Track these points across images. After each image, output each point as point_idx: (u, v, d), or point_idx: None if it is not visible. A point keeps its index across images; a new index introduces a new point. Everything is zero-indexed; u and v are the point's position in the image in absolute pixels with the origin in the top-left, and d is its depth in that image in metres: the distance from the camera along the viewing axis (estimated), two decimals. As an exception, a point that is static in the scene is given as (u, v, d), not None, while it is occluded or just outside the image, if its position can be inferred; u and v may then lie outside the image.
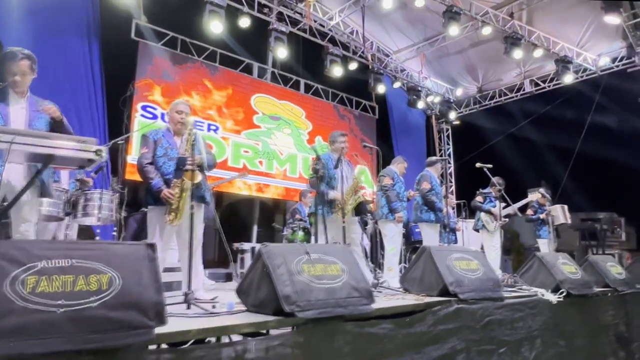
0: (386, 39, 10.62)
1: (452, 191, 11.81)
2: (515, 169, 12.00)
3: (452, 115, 11.43)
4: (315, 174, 4.22)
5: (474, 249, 4.04)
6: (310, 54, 8.77)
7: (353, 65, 9.02)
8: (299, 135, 8.91)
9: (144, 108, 6.97)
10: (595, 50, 9.27)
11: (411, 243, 7.75)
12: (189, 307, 2.66)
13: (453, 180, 12.18)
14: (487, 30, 8.42)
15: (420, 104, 10.35)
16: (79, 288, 1.72)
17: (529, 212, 7.88)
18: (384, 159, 5.06)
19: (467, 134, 12.47)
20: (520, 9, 8.63)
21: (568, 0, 8.18)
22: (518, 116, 11.65)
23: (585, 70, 9.63)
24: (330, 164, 4.56)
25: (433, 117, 12.26)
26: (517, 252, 10.44)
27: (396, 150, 10.81)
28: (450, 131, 12.48)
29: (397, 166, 5.70)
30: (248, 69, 8.42)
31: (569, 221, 7.70)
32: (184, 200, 3.31)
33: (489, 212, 6.64)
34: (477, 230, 7.00)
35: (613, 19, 7.60)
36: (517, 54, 8.21)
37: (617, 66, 9.21)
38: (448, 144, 12.47)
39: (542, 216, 7.73)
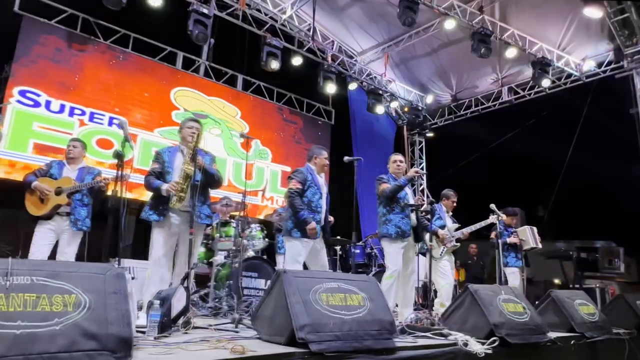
0: (349, 39, 9.75)
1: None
2: (495, 187, 11.04)
3: (421, 124, 10.44)
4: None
5: (366, 277, 2.98)
6: (254, 46, 7.83)
7: (297, 60, 8.08)
8: (230, 138, 7.90)
9: (22, 93, 6.00)
10: (579, 53, 8.36)
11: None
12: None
13: (425, 199, 11.10)
14: (450, 24, 7.51)
15: (380, 109, 9.40)
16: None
17: (493, 234, 6.80)
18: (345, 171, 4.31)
19: (442, 148, 11.53)
20: (491, 2, 7.74)
21: (545, -7, 7.32)
22: (498, 128, 10.73)
23: (569, 75, 8.69)
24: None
25: (405, 127, 11.28)
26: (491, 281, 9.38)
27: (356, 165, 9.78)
28: (424, 144, 11.49)
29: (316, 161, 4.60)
30: (170, 59, 7.46)
31: (539, 245, 6.63)
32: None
33: (434, 233, 5.56)
34: (423, 254, 5.93)
35: (594, 13, 6.70)
36: (486, 52, 7.28)
37: (605, 72, 8.27)
38: (421, 158, 11.47)
39: (508, 240, 6.66)
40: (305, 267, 4.25)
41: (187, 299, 3.06)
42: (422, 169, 11.44)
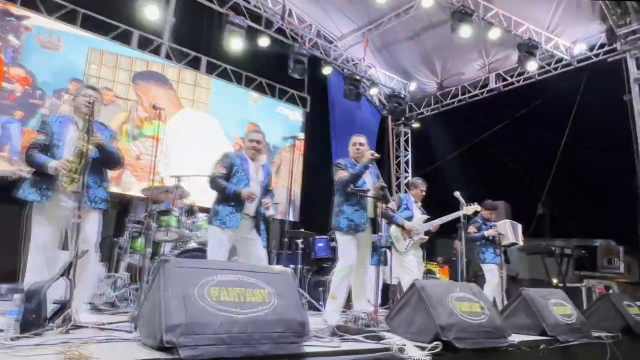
0: (328, 23, 9.30)
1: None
2: (484, 181, 10.58)
3: (400, 112, 9.97)
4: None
5: (280, 269, 2.54)
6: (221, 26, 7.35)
7: (264, 42, 7.60)
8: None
9: None
10: (570, 35, 7.88)
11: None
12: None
13: (409, 192, 10.64)
14: (427, 2, 7.04)
15: (358, 96, 8.91)
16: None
17: (471, 228, 6.37)
18: (321, 160, 3.90)
19: (428, 139, 11.06)
20: (473, -21, 7.26)
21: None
22: (487, 118, 10.26)
23: (560, 60, 8.20)
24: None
25: (389, 118, 10.81)
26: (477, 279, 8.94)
27: (334, 153, 9.35)
28: (409, 135, 11.02)
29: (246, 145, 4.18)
30: (125, 38, 6.99)
31: (520, 241, 6.17)
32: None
33: (400, 225, 5.11)
34: (389, 248, 5.48)
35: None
36: (466, 31, 6.81)
37: (597, 55, 7.78)
38: (407, 150, 10.99)
39: (487, 233, 6.21)
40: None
41: (71, 293, 2.64)
42: (407, 162, 10.99)
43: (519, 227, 6.37)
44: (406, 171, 10.86)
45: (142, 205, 6.05)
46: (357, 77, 8.66)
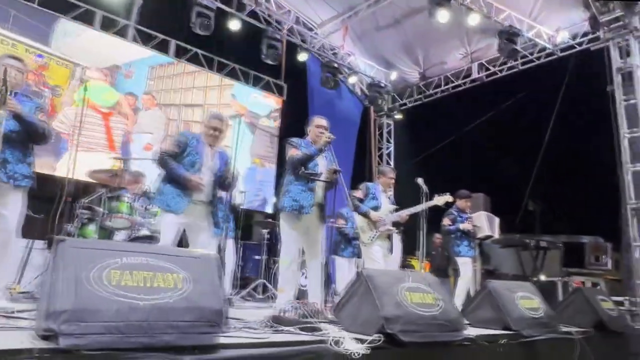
0: (307, 9, 9.05)
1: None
2: (469, 175, 10.40)
3: (381, 102, 9.76)
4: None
5: (201, 253, 2.33)
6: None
7: (235, 25, 7.35)
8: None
9: None
10: (552, 23, 7.70)
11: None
12: None
13: (392, 185, 10.44)
14: (404, -14, 6.81)
15: (335, 84, 8.70)
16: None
17: (446, 221, 6.18)
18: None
19: (411, 131, 10.87)
20: (452, -38, 7.03)
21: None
22: (471, 109, 10.07)
23: (543, 49, 8.02)
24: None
25: (372, 109, 10.60)
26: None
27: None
28: (392, 127, 10.81)
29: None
30: (87, 19, 6.72)
31: (496, 234, 5.99)
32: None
33: (366, 215, 4.91)
34: (357, 239, 5.29)
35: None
36: (443, 16, 6.60)
37: (580, 44, 7.60)
38: (389, 142, 10.79)
39: (462, 226, 6.02)
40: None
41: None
42: (389, 154, 10.79)
43: (496, 219, 6.21)
44: (388, 163, 10.65)
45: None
46: (335, 65, 8.43)
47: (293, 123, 8.84)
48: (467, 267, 5.96)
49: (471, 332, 3.47)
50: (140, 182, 4.95)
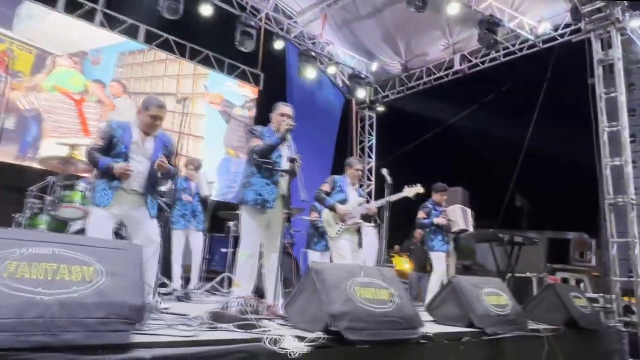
0: (287, -4, 8.84)
1: (369, 192, 9.99)
2: (452, 168, 10.30)
3: (362, 93, 9.61)
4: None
5: (121, 243, 2.16)
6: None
7: (206, 10, 7.12)
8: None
9: None
10: (534, 14, 7.57)
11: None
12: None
13: (372, 178, 10.34)
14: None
15: (311, 73, 8.51)
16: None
17: (420, 214, 6.05)
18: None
19: (394, 124, 10.73)
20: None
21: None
22: (454, 102, 9.94)
23: (525, 41, 7.89)
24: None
25: (353, 101, 10.43)
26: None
27: (291, 136, 8.92)
28: (374, 119, 10.65)
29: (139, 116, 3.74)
30: (50, 1, 6.46)
31: (470, 228, 5.86)
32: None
33: (332, 208, 4.74)
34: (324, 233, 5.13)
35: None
36: (421, 5, 6.42)
37: (562, 35, 7.48)
38: (371, 135, 10.63)
39: (436, 220, 5.89)
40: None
41: None
42: (371, 147, 10.63)
43: (469, 212, 6.08)
44: (370, 157, 10.52)
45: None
46: (313, 54, 8.23)
47: (269, 113, 8.64)
48: (440, 261, 5.84)
49: (433, 329, 3.34)
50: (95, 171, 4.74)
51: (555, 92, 8.42)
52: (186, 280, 6.13)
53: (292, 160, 3.56)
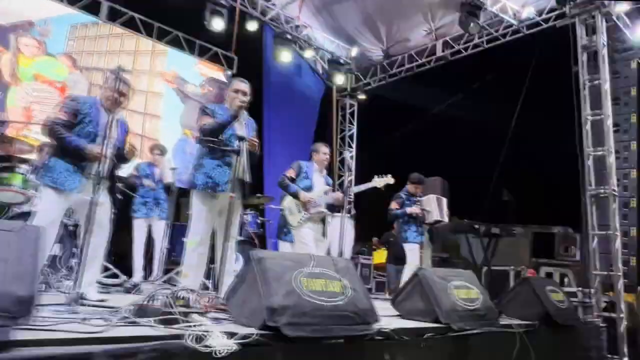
0: (264, -23, 8.48)
1: (350, 181, 9.76)
2: (436, 159, 10.06)
3: (341, 79, 9.32)
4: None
5: (14, 224, 1.87)
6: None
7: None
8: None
9: None
10: (518, -3, 7.30)
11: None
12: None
13: (353, 168, 10.09)
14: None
15: (286, 57, 8.20)
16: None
17: (393, 204, 5.81)
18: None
19: (376, 112, 10.47)
20: None
21: None
22: (437, 89, 9.71)
23: (509, 26, 7.65)
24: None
25: (334, 89, 10.13)
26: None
27: (267, 125, 8.67)
28: (355, 107, 10.38)
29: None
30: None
31: (446, 218, 5.64)
32: None
33: (295, 195, 4.48)
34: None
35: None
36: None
37: (546, 20, 7.25)
38: (352, 124, 10.36)
39: (409, 210, 5.66)
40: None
41: None
42: (351, 136, 10.35)
43: (445, 202, 5.85)
44: (350, 146, 10.25)
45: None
46: (289, 37, 7.92)
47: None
48: (414, 253, 5.62)
49: (396, 325, 3.10)
50: (44, 152, 4.43)
51: (541, 81, 8.22)
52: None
53: (240, 139, 3.27)
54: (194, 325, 2.17)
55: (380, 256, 9.24)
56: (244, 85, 3.73)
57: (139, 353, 1.83)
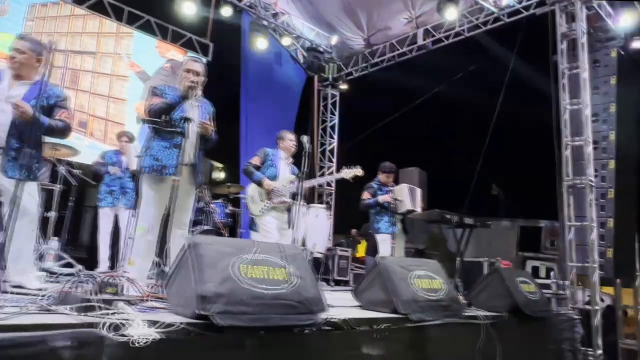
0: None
1: (330, 172, 9.67)
2: (417, 152, 9.97)
3: (321, 68, 9.19)
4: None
5: None
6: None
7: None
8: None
9: None
10: (499, -16, 7.19)
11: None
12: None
13: (334, 159, 9.98)
14: None
15: (262, 44, 8.05)
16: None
17: (365, 194, 5.70)
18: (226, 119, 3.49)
19: (357, 103, 10.34)
20: None
21: None
22: (420, 79, 9.57)
23: (490, 14, 7.54)
24: None
25: (315, 78, 10.00)
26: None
27: (244, 115, 8.52)
28: (337, 98, 10.25)
29: None
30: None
31: (419, 208, 5.54)
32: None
33: (259, 184, 4.35)
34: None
35: None
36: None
37: (527, 8, 7.16)
38: (333, 114, 10.24)
39: (380, 199, 5.56)
40: None
41: None
42: (333, 127, 10.23)
43: (419, 192, 5.75)
44: (332, 137, 10.13)
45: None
46: (265, 23, 7.76)
47: (220, 88, 8.16)
48: (385, 244, 5.53)
49: (355, 315, 3.01)
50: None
51: (523, 70, 8.14)
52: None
53: (185, 120, 3.13)
54: (113, 314, 2.04)
55: (364, 248, 9.19)
56: (196, 65, 3.59)
57: (40, 342, 1.72)
